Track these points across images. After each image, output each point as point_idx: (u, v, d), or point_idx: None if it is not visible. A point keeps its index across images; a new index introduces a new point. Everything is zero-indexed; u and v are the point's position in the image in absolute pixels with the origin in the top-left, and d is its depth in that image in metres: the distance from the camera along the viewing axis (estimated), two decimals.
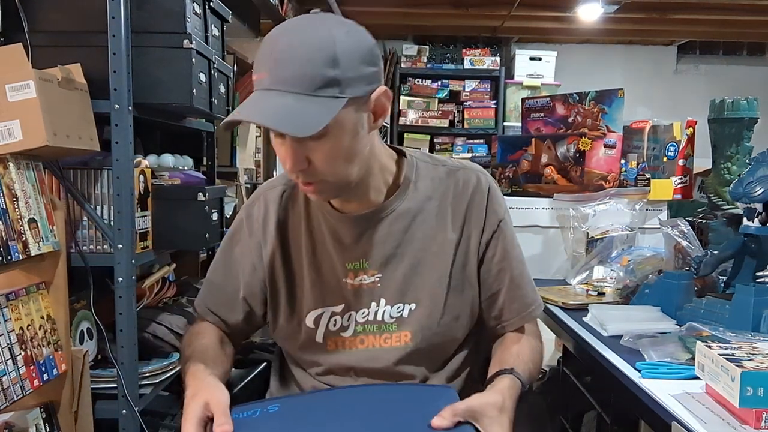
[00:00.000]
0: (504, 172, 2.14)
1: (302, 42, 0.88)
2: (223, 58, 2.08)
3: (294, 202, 1.11)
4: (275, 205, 1.11)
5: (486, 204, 1.08)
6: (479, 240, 1.08)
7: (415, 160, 1.09)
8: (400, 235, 1.05)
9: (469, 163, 1.14)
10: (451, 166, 1.11)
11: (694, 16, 4.25)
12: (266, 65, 0.89)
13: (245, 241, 1.12)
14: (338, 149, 0.92)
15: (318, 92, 0.86)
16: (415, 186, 1.07)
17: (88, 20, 1.62)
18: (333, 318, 1.06)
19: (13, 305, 1.39)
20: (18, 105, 1.38)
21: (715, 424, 0.85)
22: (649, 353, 1.12)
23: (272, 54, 0.88)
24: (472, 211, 1.08)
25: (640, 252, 1.68)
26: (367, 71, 0.92)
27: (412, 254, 1.05)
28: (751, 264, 1.25)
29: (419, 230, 1.06)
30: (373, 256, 1.05)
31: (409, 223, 1.06)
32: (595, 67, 5.05)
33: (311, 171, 0.93)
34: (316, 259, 1.07)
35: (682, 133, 1.92)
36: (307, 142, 0.90)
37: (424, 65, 4.76)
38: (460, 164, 1.12)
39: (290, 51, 0.87)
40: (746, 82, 5.01)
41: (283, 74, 0.87)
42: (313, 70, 0.86)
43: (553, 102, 2.15)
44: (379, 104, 0.95)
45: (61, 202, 1.58)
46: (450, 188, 1.08)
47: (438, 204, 1.07)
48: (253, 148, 3.78)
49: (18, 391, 1.35)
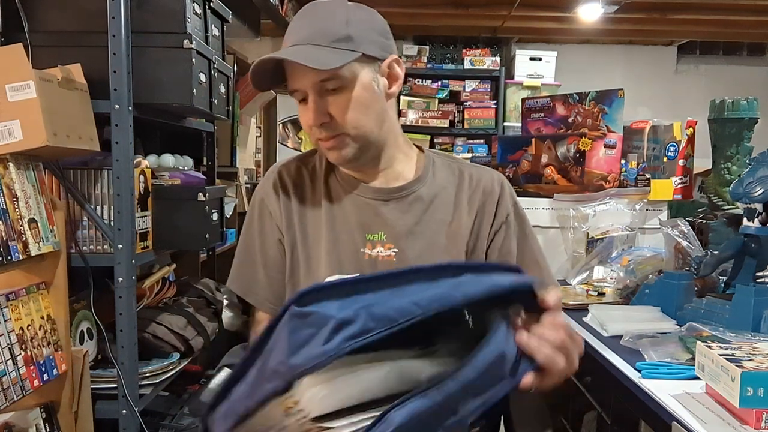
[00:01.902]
0: (504, 172, 2.14)
1: (319, 10, 1.01)
2: (223, 58, 2.08)
3: (314, 175, 1.14)
4: (290, 178, 1.14)
5: (498, 198, 1.14)
6: (489, 229, 1.12)
7: (432, 154, 1.16)
8: (419, 215, 1.09)
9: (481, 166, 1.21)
10: (465, 164, 1.18)
11: (694, 16, 4.25)
12: (291, 33, 1.00)
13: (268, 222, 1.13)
14: (355, 101, 1.00)
15: (334, 44, 0.96)
16: (433, 175, 1.13)
17: (88, 20, 1.62)
18: None
19: (13, 305, 1.39)
20: (18, 105, 1.38)
21: (715, 424, 0.86)
22: (649, 353, 1.12)
23: (293, 29, 1.00)
24: (485, 202, 1.13)
25: (640, 252, 1.68)
26: (379, 39, 1.02)
27: (429, 235, 1.09)
28: (752, 264, 1.25)
29: (437, 213, 1.10)
30: (391, 231, 1.08)
31: (428, 206, 1.10)
32: (595, 67, 5.04)
33: (332, 125, 1.00)
34: (335, 227, 1.09)
35: (682, 133, 1.92)
36: (328, 97, 0.99)
37: (424, 65, 4.75)
38: (471, 164, 1.20)
39: (309, 17, 1.00)
40: (746, 82, 5.00)
41: (303, 33, 0.98)
42: (328, 27, 0.97)
43: (554, 102, 2.15)
44: (393, 71, 1.04)
45: (61, 202, 1.58)
46: (465, 181, 1.14)
47: (454, 193, 1.12)
48: (253, 148, 3.78)
49: (18, 392, 1.35)
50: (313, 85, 0.98)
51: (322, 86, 0.98)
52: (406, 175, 1.12)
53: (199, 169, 2.27)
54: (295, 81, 1.00)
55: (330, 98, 0.99)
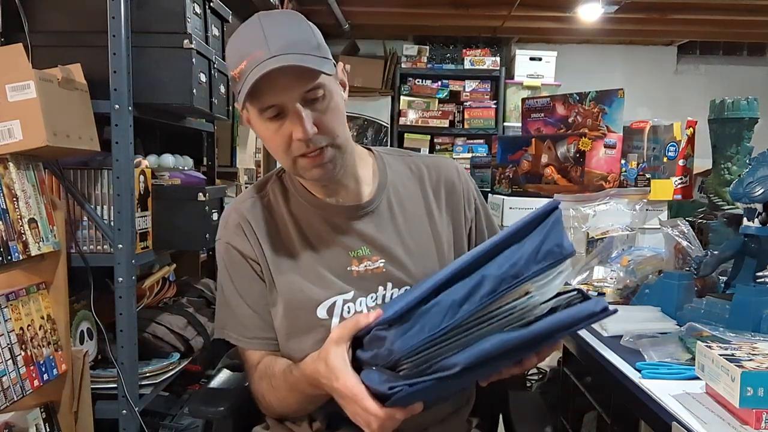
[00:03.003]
0: (504, 172, 2.14)
1: (283, 20, 0.96)
2: (223, 58, 2.07)
3: (271, 208, 1.11)
4: (250, 215, 1.10)
5: (463, 186, 1.16)
6: (463, 215, 1.15)
7: (383, 153, 1.16)
8: (394, 221, 1.10)
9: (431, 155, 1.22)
10: (417, 156, 1.19)
11: (694, 16, 4.25)
12: (255, 45, 0.93)
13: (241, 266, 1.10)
14: (334, 110, 0.99)
15: (313, 52, 0.94)
16: (393, 176, 1.13)
17: (88, 20, 1.62)
18: (346, 305, 1.06)
19: (13, 305, 1.39)
20: (18, 105, 1.38)
21: (715, 425, 0.85)
22: (649, 353, 1.11)
23: (255, 37, 0.93)
24: (452, 193, 1.15)
25: (640, 252, 1.68)
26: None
27: (410, 237, 1.10)
28: (752, 264, 1.25)
29: (409, 214, 1.11)
30: (372, 243, 1.07)
31: (399, 208, 1.11)
32: (595, 67, 5.04)
33: (321, 133, 0.97)
34: (316, 252, 1.07)
35: (682, 133, 1.92)
36: (314, 105, 0.96)
37: (424, 65, 4.75)
38: (422, 155, 1.22)
39: (277, 28, 0.94)
40: (746, 82, 5.00)
41: (280, 43, 0.92)
42: (302, 37, 0.95)
43: (554, 102, 2.15)
44: (343, 78, 1.05)
45: (61, 202, 1.58)
46: (424, 175, 1.15)
47: (419, 189, 1.14)
48: (253, 148, 3.78)
49: (18, 392, 1.35)
50: (299, 96, 0.94)
51: (305, 97, 0.95)
52: (366, 181, 1.10)
53: (199, 169, 2.27)
54: (276, 95, 0.94)
55: (317, 105, 0.96)
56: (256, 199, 1.13)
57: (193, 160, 2.16)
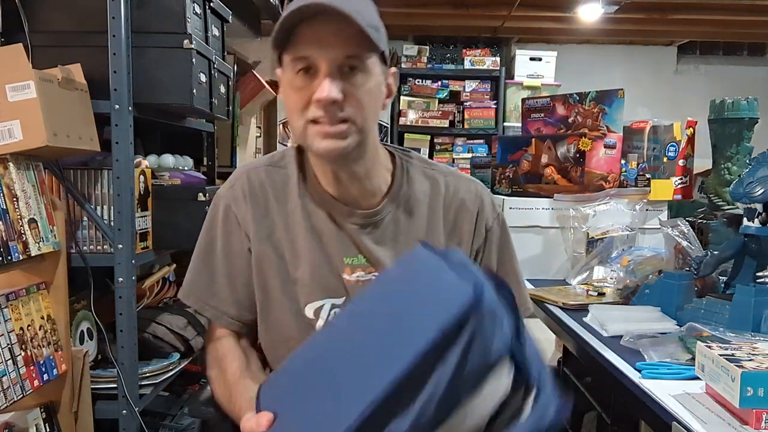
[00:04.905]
0: (504, 172, 2.14)
1: None
2: (223, 58, 2.07)
3: (285, 184, 1.06)
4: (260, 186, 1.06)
5: (477, 213, 1.09)
6: (470, 247, 1.09)
7: (406, 163, 1.09)
8: (393, 239, 1.06)
9: (459, 172, 1.15)
10: (444, 172, 1.11)
11: (694, 16, 4.25)
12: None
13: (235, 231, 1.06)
14: (368, 93, 0.93)
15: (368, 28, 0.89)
16: (408, 188, 1.07)
17: (88, 20, 1.62)
18: (334, 310, 1.05)
19: (13, 305, 1.39)
20: (18, 105, 1.38)
21: (715, 425, 0.86)
22: (649, 353, 1.12)
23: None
24: (464, 220, 1.09)
25: (640, 252, 1.68)
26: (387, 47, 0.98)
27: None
28: (752, 264, 1.25)
29: (412, 232, 1.06)
30: (369, 255, 1.05)
31: (404, 227, 1.06)
32: (595, 67, 5.04)
33: (341, 107, 0.91)
34: (318, 250, 1.04)
35: (682, 133, 1.92)
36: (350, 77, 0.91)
37: (424, 65, 4.75)
38: (449, 171, 1.13)
39: None
40: (746, 82, 5.01)
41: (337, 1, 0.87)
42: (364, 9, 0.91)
43: (554, 102, 2.15)
44: (392, 83, 1.01)
45: (61, 202, 1.58)
46: (441, 193, 1.09)
47: (429, 208, 1.08)
48: (253, 148, 3.77)
49: (18, 392, 1.35)
50: (337, 57, 0.89)
51: (343, 63, 0.90)
52: (381, 188, 1.05)
53: (199, 169, 2.27)
54: (315, 47, 0.89)
55: (348, 75, 0.91)
56: (272, 170, 1.07)
57: (193, 160, 2.16)
